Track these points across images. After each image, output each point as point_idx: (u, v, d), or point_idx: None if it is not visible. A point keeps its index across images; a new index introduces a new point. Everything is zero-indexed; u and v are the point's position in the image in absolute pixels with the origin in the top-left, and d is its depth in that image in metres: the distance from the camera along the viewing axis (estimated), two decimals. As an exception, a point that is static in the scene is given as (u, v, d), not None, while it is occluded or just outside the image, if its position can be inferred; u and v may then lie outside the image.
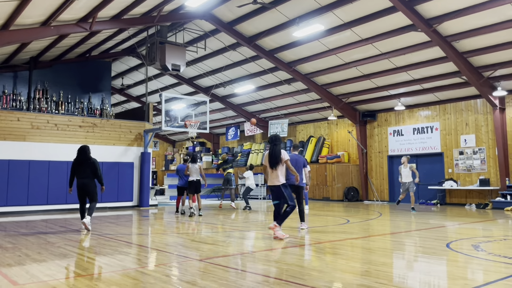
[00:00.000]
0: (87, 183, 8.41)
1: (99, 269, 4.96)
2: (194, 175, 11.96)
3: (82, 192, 8.46)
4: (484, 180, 14.93)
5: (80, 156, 8.50)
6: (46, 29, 12.37)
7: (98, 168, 8.47)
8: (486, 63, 13.69)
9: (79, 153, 8.53)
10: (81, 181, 8.40)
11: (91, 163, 8.44)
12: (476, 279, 4.54)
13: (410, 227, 9.06)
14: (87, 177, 8.40)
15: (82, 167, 8.42)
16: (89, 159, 8.46)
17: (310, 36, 14.57)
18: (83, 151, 8.53)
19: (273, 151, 7.25)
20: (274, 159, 7.21)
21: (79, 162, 8.45)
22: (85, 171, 8.40)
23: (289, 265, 5.17)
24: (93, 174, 8.43)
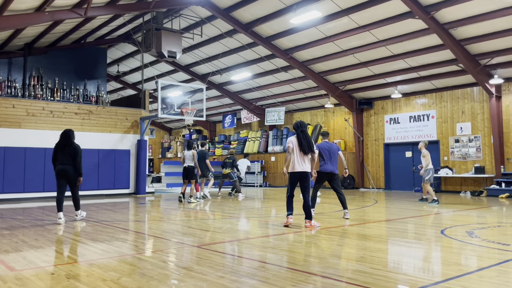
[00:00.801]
0: (68, 169, 7.82)
1: (96, 255, 4.99)
2: (187, 161, 12.03)
3: (62, 179, 7.85)
4: (479, 167, 15.03)
5: (62, 141, 7.94)
6: (41, 15, 12.22)
7: (78, 155, 7.88)
8: (483, 51, 13.68)
9: (62, 137, 7.96)
10: (61, 167, 7.81)
11: (72, 148, 7.87)
12: (470, 264, 4.60)
13: (405, 214, 9.13)
14: (68, 163, 7.83)
15: (63, 152, 7.85)
16: (71, 144, 7.88)
17: (307, 23, 14.47)
18: (66, 135, 7.93)
19: (307, 137, 7.13)
20: (311, 146, 7.13)
21: (61, 146, 7.89)
22: (66, 156, 7.82)
23: (285, 251, 5.21)
24: (73, 161, 7.86)
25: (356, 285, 3.63)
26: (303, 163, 7.11)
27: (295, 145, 7.12)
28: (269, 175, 22.31)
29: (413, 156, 17.60)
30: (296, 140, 7.14)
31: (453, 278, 3.89)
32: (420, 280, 3.86)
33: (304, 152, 7.08)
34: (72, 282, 3.78)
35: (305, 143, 7.07)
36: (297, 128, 7.22)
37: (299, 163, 7.09)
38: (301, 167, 7.09)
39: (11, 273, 4.14)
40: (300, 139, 7.10)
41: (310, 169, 7.18)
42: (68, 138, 7.90)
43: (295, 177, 7.15)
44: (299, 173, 7.11)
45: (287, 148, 7.18)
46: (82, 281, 3.81)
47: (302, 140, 7.09)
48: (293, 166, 7.12)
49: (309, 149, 7.09)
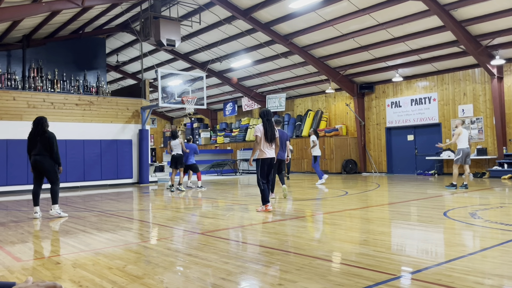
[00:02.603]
0: (40, 160, 7.26)
1: (102, 244, 5.03)
2: (176, 149, 12.18)
3: (36, 171, 7.35)
4: (482, 149, 15.01)
5: (34, 129, 7.35)
6: (38, 6, 12.14)
7: (53, 143, 7.27)
8: (484, 31, 13.55)
9: (33, 125, 7.38)
10: (34, 158, 7.30)
11: (45, 138, 7.27)
12: (472, 245, 4.62)
13: (407, 197, 9.15)
14: (40, 153, 7.26)
15: (35, 141, 7.32)
16: (43, 133, 7.30)
17: (306, 8, 14.33)
18: (38, 123, 7.34)
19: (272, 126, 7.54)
20: (274, 134, 7.54)
21: (33, 136, 7.34)
22: (38, 146, 7.28)
23: (288, 236, 5.25)
24: (47, 151, 7.27)
25: (360, 268, 3.67)
26: (272, 150, 7.58)
27: (262, 133, 7.46)
28: (271, 161, 22.32)
29: (415, 139, 17.58)
30: (263, 129, 7.47)
31: (456, 259, 3.92)
32: (423, 261, 3.89)
33: (270, 140, 7.47)
34: (79, 271, 3.82)
35: (269, 131, 7.44)
36: (263, 116, 7.53)
37: (267, 150, 7.49)
38: (271, 154, 7.54)
39: (17, 263, 4.18)
40: (266, 128, 7.44)
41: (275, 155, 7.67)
42: (41, 126, 7.33)
43: (267, 163, 7.51)
44: (271, 159, 7.54)
45: (255, 137, 7.49)
46: (88, 270, 3.85)
47: (267, 128, 7.44)
48: (263, 153, 7.47)
49: (272, 137, 7.50)
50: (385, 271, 3.56)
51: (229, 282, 3.40)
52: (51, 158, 7.32)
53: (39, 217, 7.42)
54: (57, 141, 7.42)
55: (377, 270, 3.59)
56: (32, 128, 7.43)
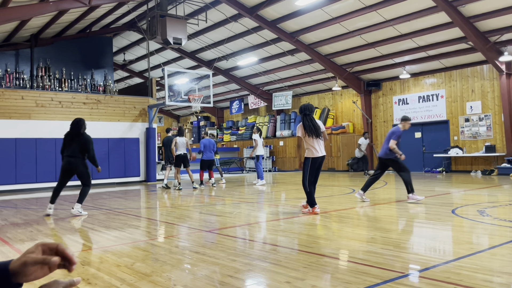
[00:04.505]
0: (74, 162, 7.19)
1: (110, 242, 5.06)
2: (181, 149, 12.02)
3: (66, 173, 7.30)
4: (490, 146, 14.90)
5: (71, 131, 7.30)
6: (45, 5, 12.21)
7: (89, 146, 7.21)
8: (493, 27, 13.43)
9: (71, 126, 7.34)
10: (67, 160, 7.22)
11: (81, 140, 7.21)
12: (481, 243, 4.59)
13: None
14: (74, 155, 7.19)
15: (70, 143, 7.24)
16: (80, 135, 7.23)
17: (312, 5, 14.29)
18: (75, 124, 7.29)
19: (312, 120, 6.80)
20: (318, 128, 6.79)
21: (70, 137, 7.28)
22: (73, 148, 7.20)
23: (296, 234, 5.25)
24: (82, 153, 7.22)
25: (368, 266, 3.66)
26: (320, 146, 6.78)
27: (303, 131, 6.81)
28: (277, 159, 22.33)
29: (423, 136, 17.48)
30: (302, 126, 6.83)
31: (465, 256, 3.90)
32: (432, 259, 3.87)
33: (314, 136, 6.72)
34: (87, 269, 3.85)
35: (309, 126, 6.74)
36: (301, 111, 6.92)
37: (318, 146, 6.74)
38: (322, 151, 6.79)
39: (27, 261, 4.21)
40: (304, 124, 6.78)
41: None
42: (78, 128, 7.26)
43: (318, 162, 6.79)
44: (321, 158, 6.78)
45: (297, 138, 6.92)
46: (97, 267, 3.88)
47: (306, 124, 6.76)
48: (312, 152, 6.74)
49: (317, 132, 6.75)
50: (393, 269, 3.54)
51: (237, 280, 3.41)
52: (84, 160, 7.29)
53: (51, 213, 7.44)
54: (93, 144, 7.38)
55: (385, 268, 3.57)
56: (69, 128, 7.37)
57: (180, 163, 12.14)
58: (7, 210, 8.63)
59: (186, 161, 12.17)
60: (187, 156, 12.17)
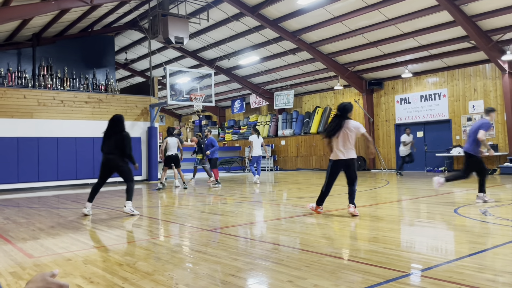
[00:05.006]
0: (113, 159, 7.14)
1: (112, 240, 5.07)
2: (173, 149, 11.92)
3: (105, 170, 7.26)
4: (493, 146, 14.85)
5: (109, 128, 7.25)
6: (47, 4, 12.21)
7: (127, 144, 7.12)
8: (495, 26, 13.39)
9: (109, 123, 7.28)
10: (106, 157, 7.20)
11: (120, 137, 7.11)
12: (484, 242, 4.58)
13: (417, 194, 9.09)
14: (112, 152, 7.13)
15: (109, 140, 7.17)
16: (119, 132, 7.16)
17: (314, 4, 14.27)
18: (113, 121, 7.25)
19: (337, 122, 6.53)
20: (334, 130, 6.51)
21: (108, 133, 7.23)
22: (112, 145, 7.13)
23: (298, 233, 5.24)
24: (121, 150, 7.12)
25: (370, 265, 3.65)
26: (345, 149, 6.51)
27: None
28: (279, 159, 22.32)
29: (425, 136, 17.44)
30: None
31: (467, 256, 3.89)
32: (434, 258, 3.86)
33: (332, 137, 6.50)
34: (89, 267, 3.85)
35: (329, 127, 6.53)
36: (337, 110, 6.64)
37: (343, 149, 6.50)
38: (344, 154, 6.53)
39: (29, 260, 4.23)
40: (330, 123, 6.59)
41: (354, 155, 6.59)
42: (115, 125, 7.20)
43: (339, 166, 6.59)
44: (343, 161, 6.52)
45: None
46: (99, 266, 3.88)
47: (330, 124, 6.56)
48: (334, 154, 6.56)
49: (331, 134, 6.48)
50: (395, 268, 3.54)
51: (239, 279, 3.40)
52: (123, 157, 7.19)
53: (88, 213, 7.19)
54: (131, 142, 7.26)
55: (387, 267, 3.57)
56: (107, 125, 7.29)
57: (170, 164, 12.06)
58: (9, 209, 8.65)
59: (177, 162, 12.06)
60: (178, 157, 12.06)
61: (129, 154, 7.18)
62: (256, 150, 13.35)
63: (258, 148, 13.40)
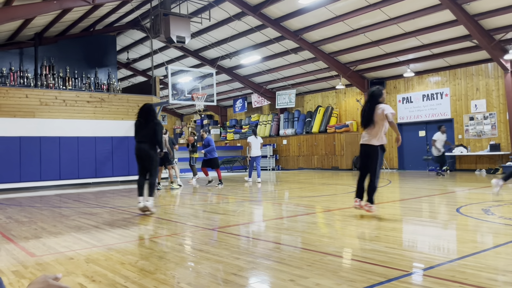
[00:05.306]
0: (145, 148, 7.02)
1: (114, 239, 5.07)
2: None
3: (140, 160, 7.17)
4: (495, 145, 14.83)
5: (140, 116, 7.17)
6: (49, 4, 12.22)
7: (158, 132, 7.04)
8: (498, 25, 13.35)
9: (140, 113, 7.20)
10: (138, 146, 7.10)
11: (151, 125, 7.02)
12: (486, 242, 4.57)
13: (419, 194, 9.08)
14: (144, 141, 7.03)
15: (141, 129, 7.12)
16: (150, 120, 7.07)
17: (316, 3, 14.26)
18: (143, 110, 7.19)
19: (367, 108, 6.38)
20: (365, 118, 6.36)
21: (139, 123, 7.16)
22: (143, 134, 7.06)
23: (299, 232, 5.24)
24: (152, 138, 7.01)
25: (372, 264, 3.64)
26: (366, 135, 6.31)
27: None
28: (281, 158, 22.31)
29: (427, 135, 17.41)
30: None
31: (469, 255, 3.88)
32: (436, 258, 3.85)
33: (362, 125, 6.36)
34: (92, 266, 3.85)
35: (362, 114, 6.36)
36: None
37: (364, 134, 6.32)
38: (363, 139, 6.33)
39: (31, 258, 4.24)
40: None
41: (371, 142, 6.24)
42: (147, 114, 7.15)
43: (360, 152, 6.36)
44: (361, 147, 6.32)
45: None
46: (101, 265, 3.88)
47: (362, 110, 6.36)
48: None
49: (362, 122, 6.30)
50: (398, 267, 3.53)
51: (241, 278, 3.40)
52: (155, 146, 7.09)
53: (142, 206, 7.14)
54: (162, 129, 7.22)
55: (389, 266, 3.56)
56: (138, 115, 7.24)
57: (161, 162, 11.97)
58: (12, 208, 8.67)
59: (168, 160, 11.96)
60: (167, 156, 11.90)
61: (159, 141, 7.11)
62: (254, 151, 13.65)
63: (256, 149, 13.68)
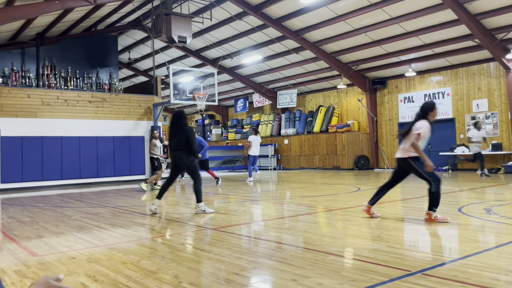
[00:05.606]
0: (180, 156, 7.09)
1: (116, 239, 5.08)
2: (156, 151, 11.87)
3: (174, 167, 7.23)
4: (497, 144, 14.80)
5: (172, 125, 7.24)
6: (51, 4, 12.24)
7: (190, 138, 7.02)
8: (499, 24, 13.33)
9: (171, 120, 7.29)
10: (173, 154, 7.17)
11: (182, 132, 7.06)
12: (488, 241, 4.56)
13: (421, 193, 9.06)
14: (179, 149, 7.09)
15: (174, 136, 7.15)
16: (181, 127, 7.11)
17: (317, 2, 14.25)
18: (174, 117, 7.24)
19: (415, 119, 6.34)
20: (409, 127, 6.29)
21: (172, 131, 7.21)
22: (177, 141, 7.11)
23: (301, 232, 5.24)
24: (186, 146, 7.03)
25: (374, 264, 3.64)
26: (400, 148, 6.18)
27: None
28: (282, 158, 22.31)
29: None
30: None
31: (472, 255, 3.87)
32: (438, 257, 3.85)
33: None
34: (94, 266, 3.86)
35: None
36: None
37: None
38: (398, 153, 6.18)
39: (34, 258, 4.24)
40: None
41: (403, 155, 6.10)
42: (177, 121, 7.19)
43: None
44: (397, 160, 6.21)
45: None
46: (103, 264, 3.89)
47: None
48: None
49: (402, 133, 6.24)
50: (400, 267, 3.53)
51: (243, 277, 3.41)
52: (190, 153, 7.11)
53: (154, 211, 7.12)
54: (194, 135, 7.21)
55: (391, 266, 3.56)
56: (170, 122, 7.30)
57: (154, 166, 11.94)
58: (14, 207, 8.68)
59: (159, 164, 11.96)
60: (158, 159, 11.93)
61: (193, 149, 7.11)
62: (254, 149, 14.09)
63: (256, 147, 14.14)
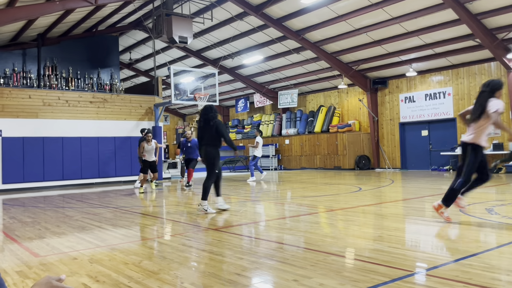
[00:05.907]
0: (206, 150, 6.95)
1: (117, 240, 5.09)
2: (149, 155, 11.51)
3: (207, 162, 7.05)
4: (498, 144, 14.79)
5: (201, 119, 7.08)
6: (52, 5, 12.26)
7: (222, 131, 6.92)
8: (500, 24, 13.31)
9: (200, 114, 7.12)
10: (203, 148, 7.04)
11: (211, 126, 6.93)
12: (489, 241, 4.56)
13: (422, 193, 9.06)
14: (208, 143, 6.96)
15: (204, 130, 7.03)
16: (210, 120, 6.97)
17: (318, 2, 14.24)
18: (204, 111, 7.08)
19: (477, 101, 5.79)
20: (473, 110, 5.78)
21: (201, 125, 7.08)
22: (206, 135, 6.99)
23: (302, 232, 5.24)
24: (216, 140, 6.93)
25: (375, 264, 3.64)
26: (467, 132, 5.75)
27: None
28: (283, 158, 22.31)
29: (429, 134, 17.38)
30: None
31: (473, 255, 3.87)
32: (440, 257, 3.85)
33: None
34: (95, 266, 3.87)
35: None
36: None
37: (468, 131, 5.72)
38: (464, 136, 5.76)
39: (35, 259, 4.25)
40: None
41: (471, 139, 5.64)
42: (206, 114, 7.04)
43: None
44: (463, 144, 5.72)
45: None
46: (104, 265, 3.89)
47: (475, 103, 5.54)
48: None
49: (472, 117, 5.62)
50: (401, 267, 3.53)
51: (244, 278, 3.41)
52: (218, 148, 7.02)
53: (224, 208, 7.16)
54: (225, 127, 7.10)
55: (392, 266, 3.56)
56: (200, 117, 7.19)
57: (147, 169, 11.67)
58: (15, 208, 8.70)
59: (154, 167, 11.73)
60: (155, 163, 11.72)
61: (229, 141, 7.06)
62: (260, 150, 14.40)
63: (260, 149, 14.49)
